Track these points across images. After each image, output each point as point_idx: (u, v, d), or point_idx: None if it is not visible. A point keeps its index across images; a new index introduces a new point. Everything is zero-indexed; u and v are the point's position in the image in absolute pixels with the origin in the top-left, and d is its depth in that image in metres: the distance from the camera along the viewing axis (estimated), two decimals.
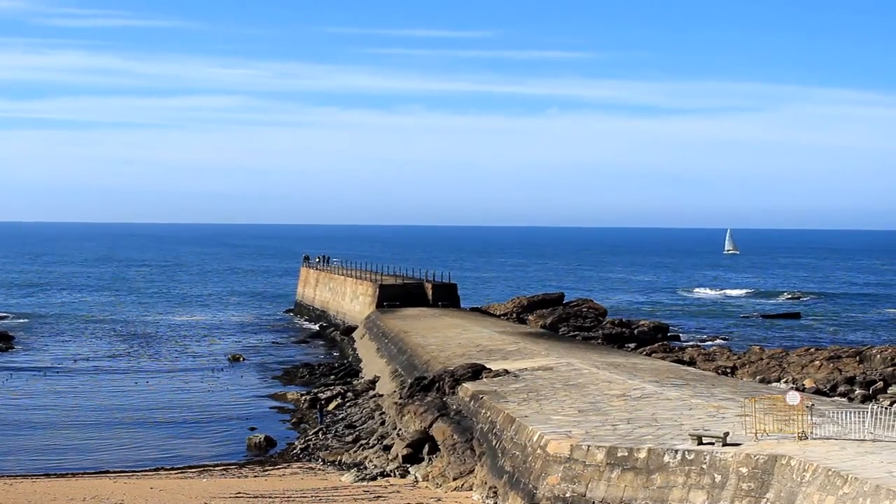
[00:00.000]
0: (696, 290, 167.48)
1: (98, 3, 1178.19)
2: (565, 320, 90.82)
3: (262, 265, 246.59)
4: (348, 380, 65.60)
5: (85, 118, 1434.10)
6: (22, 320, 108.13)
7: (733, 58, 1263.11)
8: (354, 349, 79.05)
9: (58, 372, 72.34)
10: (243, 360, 79.61)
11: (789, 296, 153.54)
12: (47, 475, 41.10)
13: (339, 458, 42.84)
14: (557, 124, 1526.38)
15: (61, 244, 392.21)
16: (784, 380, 58.94)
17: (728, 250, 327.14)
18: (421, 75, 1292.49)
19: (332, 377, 67.44)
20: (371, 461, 40.88)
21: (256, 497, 35.53)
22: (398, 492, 35.66)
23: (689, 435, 29.13)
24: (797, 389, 48.76)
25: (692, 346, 78.56)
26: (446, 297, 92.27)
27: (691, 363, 64.21)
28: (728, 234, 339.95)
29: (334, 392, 59.28)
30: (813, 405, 29.46)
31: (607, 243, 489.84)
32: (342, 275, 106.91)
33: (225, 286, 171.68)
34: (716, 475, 26.84)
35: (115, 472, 41.80)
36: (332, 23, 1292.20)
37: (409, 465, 39.13)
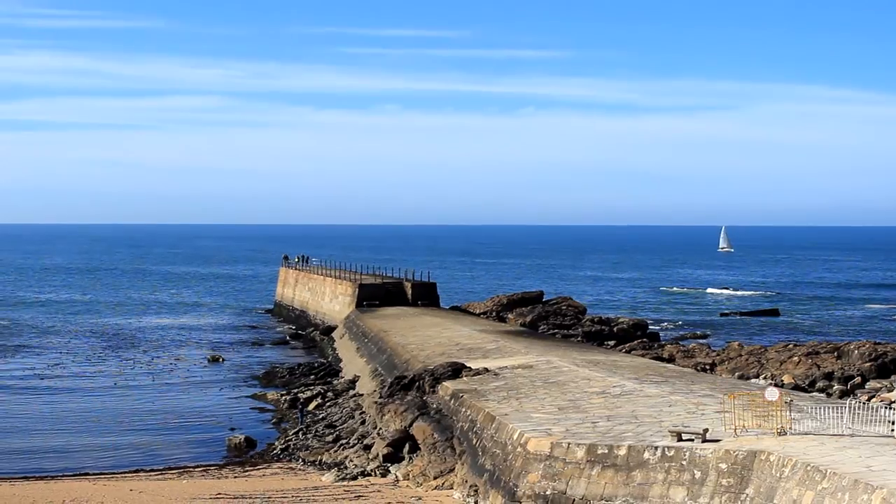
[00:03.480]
0: (677, 287, 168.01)
1: (71, 3, 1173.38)
2: (545, 318, 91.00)
3: (240, 266, 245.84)
4: (328, 380, 65.50)
5: (59, 119, 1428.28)
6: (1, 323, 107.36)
7: (708, 56, 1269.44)
8: (334, 349, 78.92)
9: (36, 377, 71.85)
10: (222, 360, 79.35)
11: (768, 292, 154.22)
12: (26, 478, 40.85)
13: (319, 457, 42.77)
14: (534, 123, 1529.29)
15: (36, 247, 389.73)
16: (763, 376, 59.26)
17: (722, 248, 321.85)
18: (397, 75, 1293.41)
19: (312, 377, 67.32)
20: (351, 461, 40.83)
21: (237, 498, 35.46)
22: (379, 491, 35.64)
23: (669, 431, 29.23)
24: (776, 385, 49.02)
25: (671, 343, 78.83)
26: (426, 296, 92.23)
27: (670, 360, 64.48)
28: (722, 232, 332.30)
29: (314, 392, 59.18)
30: (791, 401, 29.63)
31: (587, 241, 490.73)
32: (321, 275, 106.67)
33: (203, 287, 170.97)
34: (696, 471, 26.94)
35: (94, 475, 41.61)
36: (307, 22, 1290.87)
37: (389, 465, 39.12)
